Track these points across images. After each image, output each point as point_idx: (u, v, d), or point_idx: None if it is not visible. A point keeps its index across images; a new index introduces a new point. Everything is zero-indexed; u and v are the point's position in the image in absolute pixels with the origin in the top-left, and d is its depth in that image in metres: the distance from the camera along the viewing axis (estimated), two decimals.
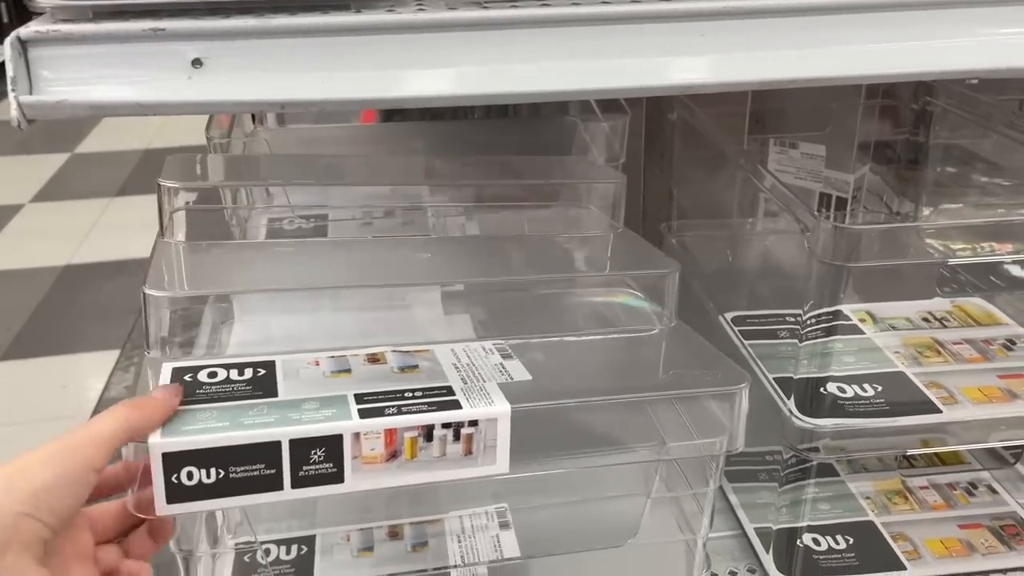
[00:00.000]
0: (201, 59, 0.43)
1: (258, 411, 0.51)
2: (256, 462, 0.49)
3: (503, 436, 0.52)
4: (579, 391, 0.55)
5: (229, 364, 0.56)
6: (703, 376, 0.58)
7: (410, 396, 0.52)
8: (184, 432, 0.48)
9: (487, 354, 0.60)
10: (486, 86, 0.44)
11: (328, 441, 0.49)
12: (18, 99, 0.41)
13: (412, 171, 0.86)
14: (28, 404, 1.88)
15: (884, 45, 0.48)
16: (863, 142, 0.95)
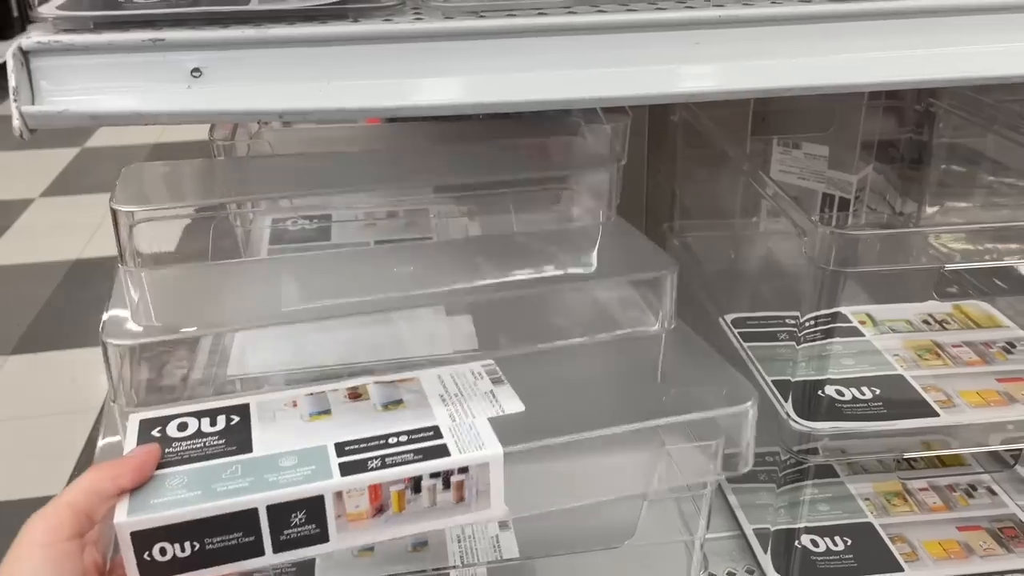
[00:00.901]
0: (200, 69, 0.43)
1: (231, 473, 0.47)
2: (233, 531, 0.46)
3: (496, 480, 0.49)
4: (575, 421, 0.52)
5: (201, 412, 0.52)
6: (708, 393, 0.56)
7: (394, 443, 0.49)
8: (152, 507, 0.45)
9: (476, 379, 0.57)
10: (481, 95, 0.45)
11: (309, 503, 0.46)
12: (20, 109, 0.42)
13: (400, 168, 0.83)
14: (38, 398, 1.90)
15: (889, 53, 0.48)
16: (866, 142, 0.95)
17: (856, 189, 0.97)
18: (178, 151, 3.10)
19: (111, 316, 0.57)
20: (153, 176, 0.75)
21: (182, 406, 0.53)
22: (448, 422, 0.51)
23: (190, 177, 0.78)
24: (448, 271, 0.68)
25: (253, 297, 0.65)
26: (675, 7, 0.47)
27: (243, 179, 0.79)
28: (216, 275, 0.68)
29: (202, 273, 0.68)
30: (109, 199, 0.64)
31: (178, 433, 0.51)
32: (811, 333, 0.64)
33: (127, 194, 0.66)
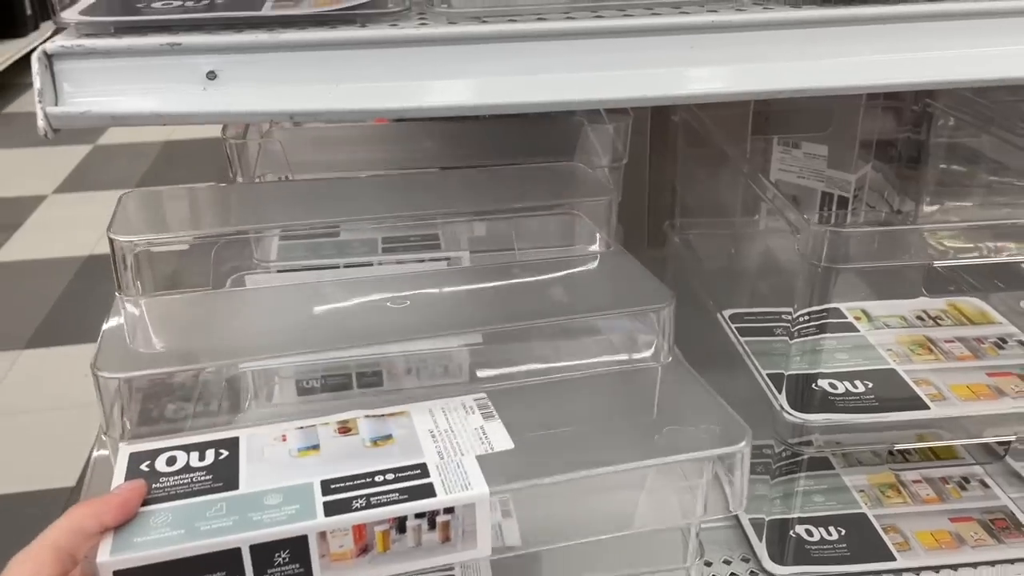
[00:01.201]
0: (215, 72, 0.45)
1: (216, 510, 0.47)
2: (216, 570, 0.45)
3: (482, 520, 0.49)
4: (565, 459, 0.53)
5: (190, 446, 0.52)
6: (703, 435, 0.56)
7: (380, 481, 0.49)
8: (135, 545, 0.45)
9: (467, 414, 0.56)
10: (483, 97, 0.47)
11: (292, 543, 0.46)
12: (44, 110, 0.44)
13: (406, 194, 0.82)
14: (51, 391, 1.92)
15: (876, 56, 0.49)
16: (865, 142, 0.97)
17: (855, 188, 0.98)
18: (189, 149, 3.13)
19: (105, 346, 0.57)
20: (151, 203, 0.74)
21: (173, 439, 0.53)
22: (436, 459, 0.51)
23: (190, 205, 0.78)
24: (447, 303, 0.68)
25: (251, 329, 0.64)
26: (671, 12, 0.49)
27: (246, 207, 0.79)
28: (214, 305, 0.68)
29: (199, 303, 0.67)
30: (107, 228, 0.64)
31: (166, 468, 0.50)
32: (804, 328, 0.66)
33: (124, 222, 0.66)
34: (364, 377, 0.76)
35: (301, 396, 0.76)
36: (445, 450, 0.52)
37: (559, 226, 0.76)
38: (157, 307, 0.64)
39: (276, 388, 0.77)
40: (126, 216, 0.68)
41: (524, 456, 0.52)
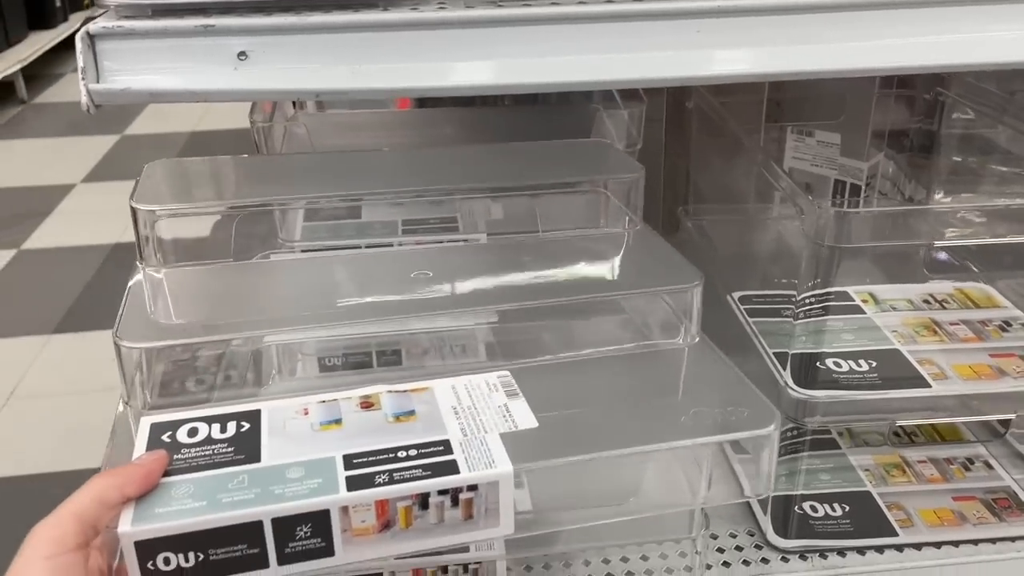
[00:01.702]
0: (246, 52, 0.48)
1: (238, 483, 0.47)
2: (237, 543, 0.45)
3: (506, 498, 0.49)
4: (591, 439, 0.53)
5: (212, 418, 0.52)
6: (731, 416, 0.56)
7: (403, 457, 0.49)
8: (157, 516, 0.45)
9: (490, 391, 0.56)
10: (497, 78, 0.49)
11: (314, 517, 0.46)
12: (87, 87, 0.47)
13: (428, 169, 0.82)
14: (79, 375, 1.96)
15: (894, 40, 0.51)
16: (878, 130, 0.98)
17: (867, 176, 1.00)
18: (215, 139, 3.18)
19: (126, 316, 0.57)
20: (175, 174, 0.74)
21: (195, 410, 0.53)
22: (459, 436, 0.51)
23: (213, 175, 0.78)
24: (470, 281, 0.68)
25: (274, 302, 0.65)
26: None
27: (270, 180, 0.79)
28: (236, 276, 0.68)
29: (221, 274, 0.67)
30: (130, 196, 0.64)
31: (188, 439, 0.50)
32: (810, 308, 0.68)
33: (148, 192, 0.66)
34: (384, 356, 0.78)
35: (323, 373, 0.79)
36: (468, 427, 0.52)
37: (584, 204, 0.76)
38: (179, 278, 0.64)
39: (299, 365, 0.80)
40: (150, 185, 0.68)
41: (548, 434, 0.52)
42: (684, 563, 0.71)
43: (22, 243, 2.56)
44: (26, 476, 1.65)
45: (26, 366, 2.00)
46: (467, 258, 0.72)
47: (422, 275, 0.67)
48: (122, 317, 0.57)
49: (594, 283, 0.65)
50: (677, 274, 0.63)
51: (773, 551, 0.73)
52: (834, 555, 0.72)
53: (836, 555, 0.72)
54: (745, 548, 0.74)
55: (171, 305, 0.62)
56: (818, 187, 1.00)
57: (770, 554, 0.73)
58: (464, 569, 0.68)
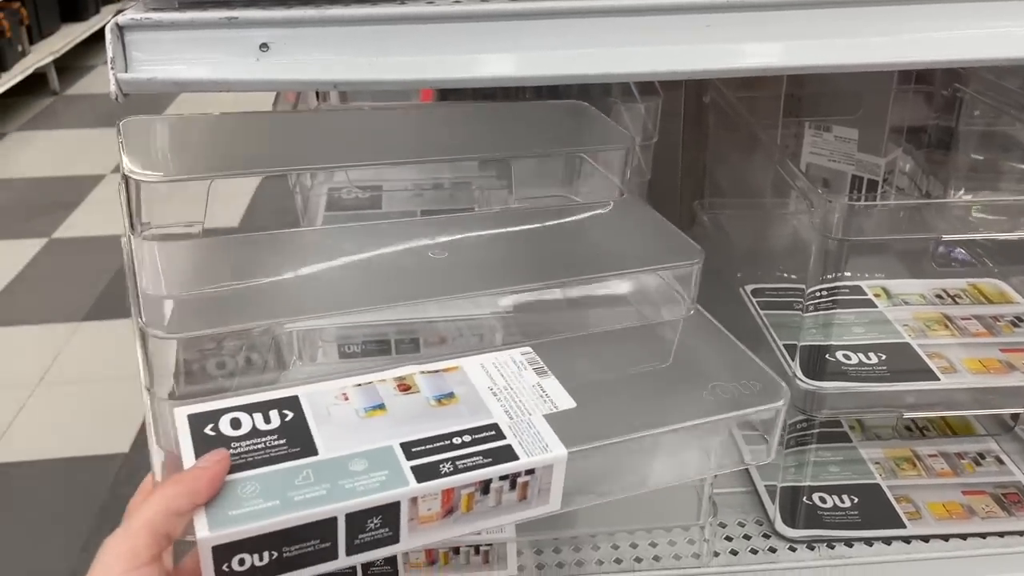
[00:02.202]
0: (267, 43, 0.50)
1: (304, 478, 0.47)
2: (311, 539, 0.46)
3: (558, 479, 0.50)
4: (626, 420, 0.54)
5: (250, 406, 0.51)
6: (746, 390, 0.58)
7: (459, 443, 0.50)
8: (232, 520, 0.44)
9: (520, 369, 0.57)
10: (511, 70, 0.51)
11: (385, 509, 0.47)
12: (116, 76, 0.49)
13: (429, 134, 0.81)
14: (108, 362, 2.00)
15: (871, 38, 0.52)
16: (896, 126, 0.99)
17: (885, 172, 1.00)
18: None
19: (148, 301, 0.55)
20: (162, 134, 0.70)
21: (227, 399, 0.52)
22: (506, 419, 0.52)
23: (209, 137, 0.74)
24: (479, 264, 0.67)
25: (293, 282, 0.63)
26: None
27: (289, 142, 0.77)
28: (252, 249, 0.66)
29: (236, 246, 0.66)
30: (121, 165, 0.60)
31: (232, 431, 0.50)
32: (819, 301, 0.69)
33: (141, 158, 0.63)
34: (402, 344, 0.80)
35: (342, 359, 0.80)
36: (511, 409, 0.53)
37: (572, 172, 0.77)
38: (185, 252, 0.63)
39: (319, 351, 0.82)
40: (136, 147, 0.65)
41: (586, 414, 0.53)
42: (692, 550, 0.72)
43: (53, 232, 2.61)
44: (55, 460, 1.69)
45: (56, 352, 2.04)
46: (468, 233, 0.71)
47: (438, 254, 0.67)
48: (143, 301, 0.55)
49: (598, 261, 0.66)
50: (677, 249, 0.64)
51: (781, 540, 0.74)
52: (841, 545, 0.73)
53: (843, 545, 0.73)
54: (753, 537, 0.75)
55: (188, 282, 0.60)
56: (835, 182, 1.00)
57: (778, 543, 0.74)
58: (475, 551, 0.70)
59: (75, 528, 1.50)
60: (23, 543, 1.48)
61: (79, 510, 1.55)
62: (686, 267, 0.62)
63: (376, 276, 0.65)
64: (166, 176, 0.62)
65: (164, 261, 0.60)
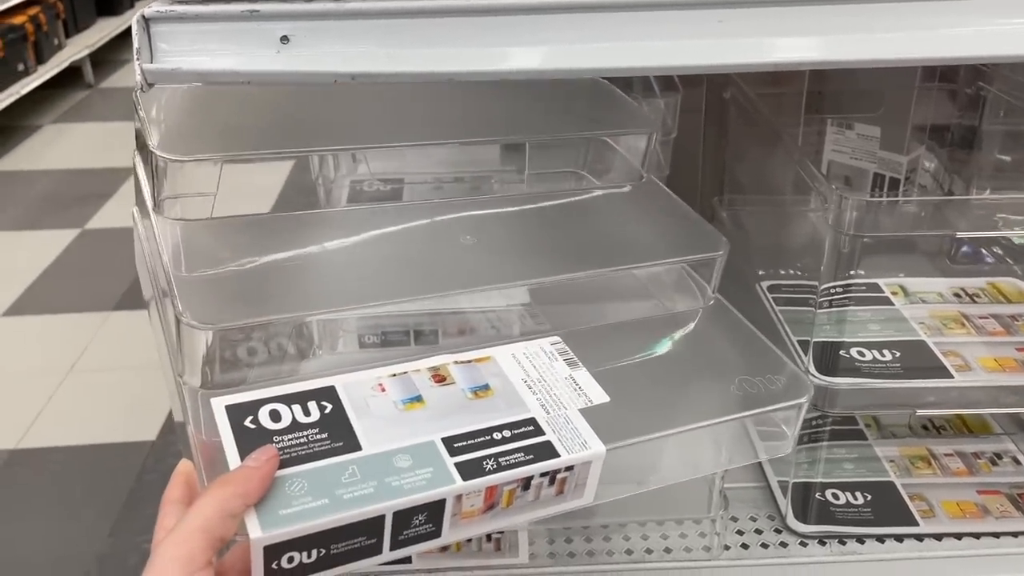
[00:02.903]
0: (288, 36, 0.51)
1: (351, 475, 0.47)
2: (358, 536, 0.46)
3: (594, 474, 0.51)
4: (659, 415, 0.55)
5: (287, 397, 0.52)
6: (771, 385, 0.58)
7: (499, 439, 0.50)
8: (283, 519, 0.44)
9: (551, 360, 0.57)
10: (531, 63, 0.52)
11: (431, 506, 0.47)
12: (142, 66, 0.50)
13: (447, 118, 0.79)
14: (136, 350, 2.03)
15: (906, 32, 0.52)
16: (919, 124, 0.98)
17: (907, 170, 1.00)
18: None
19: (180, 286, 0.54)
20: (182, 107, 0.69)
21: (263, 389, 0.52)
22: (543, 414, 0.52)
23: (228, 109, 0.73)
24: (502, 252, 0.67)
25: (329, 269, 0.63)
26: None
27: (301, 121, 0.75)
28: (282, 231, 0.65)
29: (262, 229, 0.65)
30: (140, 140, 0.59)
31: (273, 424, 0.50)
32: (834, 298, 0.69)
33: (166, 134, 0.62)
34: (422, 335, 0.81)
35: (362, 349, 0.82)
36: (547, 403, 0.53)
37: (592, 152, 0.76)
38: (209, 233, 0.62)
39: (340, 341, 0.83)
40: (159, 121, 0.64)
41: (621, 410, 0.54)
42: (703, 543, 0.73)
43: (86, 223, 2.65)
44: (86, 446, 1.73)
45: (87, 341, 2.08)
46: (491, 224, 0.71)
47: (467, 240, 0.67)
48: (178, 290, 0.54)
49: (625, 252, 0.66)
50: (701, 239, 0.64)
51: (792, 535, 0.74)
52: (853, 542, 0.73)
53: (855, 542, 0.73)
54: (764, 531, 0.75)
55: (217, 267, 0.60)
56: (857, 180, 1.00)
57: (789, 538, 0.74)
58: (488, 538, 0.71)
59: (103, 513, 1.53)
60: (52, 527, 1.52)
61: (107, 496, 1.58)
62: (710, 258, 0.63)
63: (405, 265, 0.65)
64: (190, 155, 0.61)
65: (188, 241, 0.60)
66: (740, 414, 0.56)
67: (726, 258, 0.63)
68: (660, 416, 0.54)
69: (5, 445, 1.73)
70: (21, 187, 2.90)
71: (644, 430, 0.53)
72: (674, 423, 0.54)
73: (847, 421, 0.83)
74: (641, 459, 0.55)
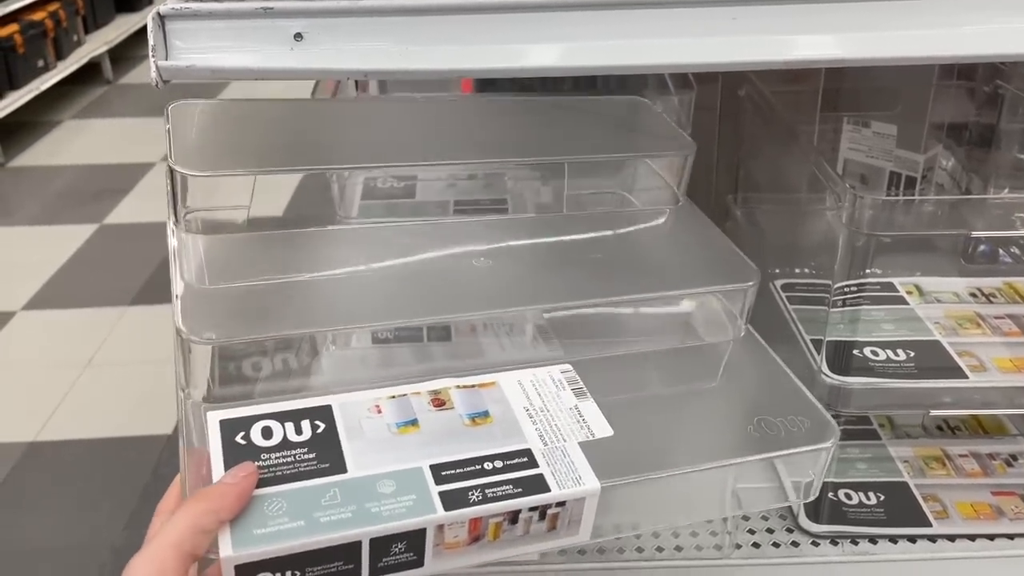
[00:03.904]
0: (302, 33, 0.51)
1: (331, 498, 0.46)
2: (334, 561, 0.45)
3: (589, 511, 0.49)
4: (663, 454, 0.53)
5: (283, 414, 0.51)
6: (792, 427, 0.55)
7: (490, 469, 0.49)
8: (257, 539, 0.44)
9: (558, 389, 0.56)
10: (547, 61, 0.51)
11: (411, 535, 0.46)
12: (156, 63, 0.51)
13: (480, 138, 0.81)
14: (153, 345, 2.05)
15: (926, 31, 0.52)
16: (936, 123, 0.97)
17: (924, 168, 0.99)
18: None
19: (187, 298, 0.55)
20: (207, 121, 0.70)
21: (260, 405, 0.52)
22: (540, 445, 0.51)
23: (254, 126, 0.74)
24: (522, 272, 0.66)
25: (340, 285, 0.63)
26: None
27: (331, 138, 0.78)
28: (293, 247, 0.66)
29: (276, 243, 0.66)
30: (168, 156, 0.61)
31: (263, 441, 0.50)
32: (848, 297, 0.69)
33: (187, 147, 0.63)
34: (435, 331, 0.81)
35: (375, 344, 0.82)
36: (546, 433, 0.52)
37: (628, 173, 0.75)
38: (223, 247, 0.63)
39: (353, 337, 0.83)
40: (186, 137, 0.66)
41: (624, 445, 0.52)
42: (714, 541, 0.73)
43: (103, 218, 2.67)
44: (103, 440, 1.74)
45: (104, 335, 2.10)
46: (516, 242, 0.70)
47: (482, 262, 0.66)
48: (184, 302, 0.55)
49: (650, 278, 0.64)
50: (732, 269, 0.62)
51: (804, 535, 0.74)
52: (865, 542, 0.73)
53: (867, 542, 0.73)
54: (776, 531, 0.75)
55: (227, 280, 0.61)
56: (873, 179, 0.99)
57: (801, 538, 0.74)
58: None
59: (119, 506, 1.54)
60: (69, 519, 1.53)
61: (123, 489, 1.59)
62: (740, 289, 0.60)
63: (417, 285, 0.64)
64: (210, 170, 0.62)
65: (204, 254, 0.61)
66: (748, 458, 0.54)
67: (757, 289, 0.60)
68: (665, 454, 0.53)
69: (23, 438, 1.75)
70: (40, 183, 2.92)
71: (645, 468, 0.51)
72: (678, 464, 0.52)
73: (860, 421, 0.83)
74: (643, 498, 0.53)
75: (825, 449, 0.54)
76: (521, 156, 0.78)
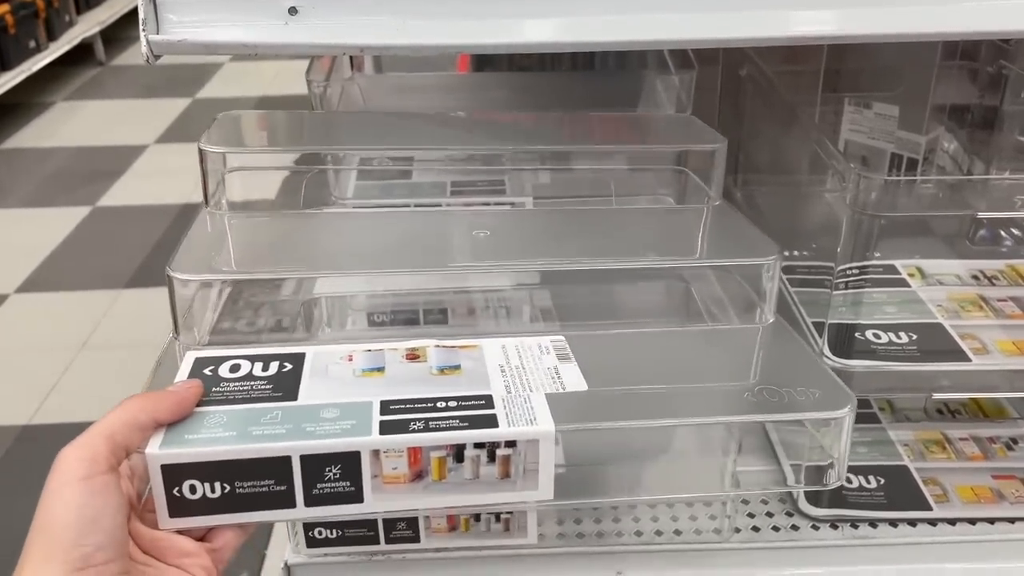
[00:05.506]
0: (296, 7, 0.50)
1: (271, 418, 0.47)
2: (265, 477, 0.45)
3: (546, 459, 0.47)
4: (634, 408, 0.51)
5: (256, 356, 0.52)
6: (800, 396, 0.53)
7: (442, 407, 0.48)
8: (186, 442, 0.44)
9: (542, 354, 0.54)
10: (546, 36, 0.50)
11: (344, 458, 0.45)
12: (147, 37, 0.49)
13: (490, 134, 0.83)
14: (148, 328, 2.04)
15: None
16: (938, 104, 0.96)
17: (925, 150, 0.98)
18: (283, 103, 3.24)
19: (182, 252, 0.58)
20: (245, 123, 0.77)
21: (241, 348, 0.53)
22: (502, 392, 0.50)
23: (280, 127, 0.80)
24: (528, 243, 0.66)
25: (330, 250, 0.65)
26: None
27: (331, 134, 0.82)
28: (295, 224, 0.69)
29: (280, 221, 0.69)
30: (199, 141, 0.67)
31: (229, 374, 0.50)
32: (850, 279, 0.68)
33: (218, 137, 0.69)
34: (431, 314, 0.81)
35: (371, 327, 0.81)
36: (513, 385, 0.51)
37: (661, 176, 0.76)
38: (239, 223, 0.67)
39: (349, 320, 0.83)
40: (221, 132, 0.71)
41: (595, 398, 0.51)
42: (713, 525, 0.72)
43: (97, 200, 2.66)
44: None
45: (99, 318, 2.09)
46: (527, 222, 0.71)
47: (482, 234, 0.67)
48: (178, 252, 0.59)
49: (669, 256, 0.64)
50: (753, 249, 0.60)
51: (804, 519, 0.73)
52: (865, 526, 0.72)
53: (867, 526, 0.72)
54: (776, 515, 0.74)
55: (230, 247, 0.65)
56: (875, 160, 0.98)
57: (800, 522, 0.73)
58: (496, 518, 0.70)
59: None
60: None
61: None
62: (756, 265, 0.59)
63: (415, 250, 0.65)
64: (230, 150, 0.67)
65: (217, 229, 0.64)
66: (733, 417, 0.52)
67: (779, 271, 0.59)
68: (642, 408, 0.51)
69: (17, 421, 1.74)
70: (33, 164, 2.90)
71: (610, 419, 0.50)
72: (648, 417, 0.50)
73: (861, 404, 0.81)
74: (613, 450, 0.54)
75: (838, 419, 0.52)
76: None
